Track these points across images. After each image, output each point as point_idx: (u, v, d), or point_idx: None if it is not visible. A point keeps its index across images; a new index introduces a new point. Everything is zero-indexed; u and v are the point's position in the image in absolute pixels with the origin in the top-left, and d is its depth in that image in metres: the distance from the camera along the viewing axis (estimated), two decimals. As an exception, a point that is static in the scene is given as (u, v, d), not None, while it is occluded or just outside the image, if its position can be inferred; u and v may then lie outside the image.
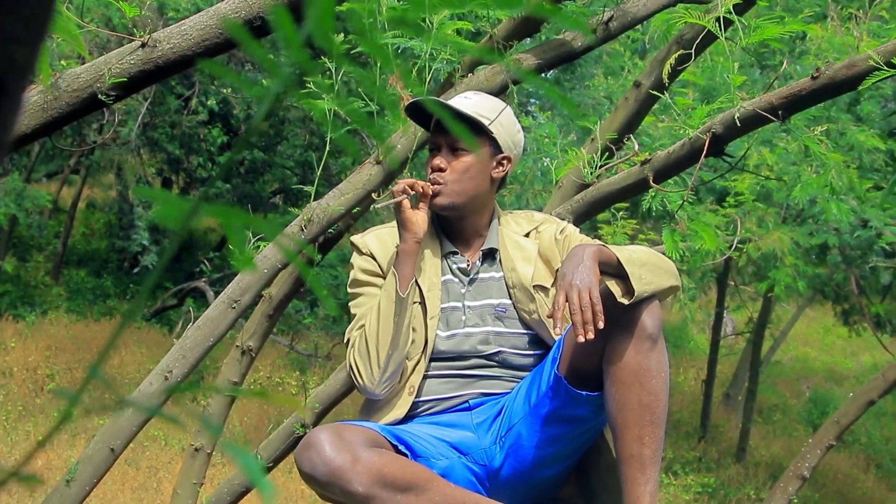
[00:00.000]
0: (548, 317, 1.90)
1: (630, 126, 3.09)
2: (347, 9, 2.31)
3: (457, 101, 2.07)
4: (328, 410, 3.01)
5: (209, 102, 9.76)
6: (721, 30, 2.50)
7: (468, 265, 2.11)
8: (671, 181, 2.85)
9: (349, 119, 2.68)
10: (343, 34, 2.57)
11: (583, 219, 2.74)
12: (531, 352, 2.08)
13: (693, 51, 2.77)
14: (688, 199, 2.75)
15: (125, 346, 8.92)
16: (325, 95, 2.67)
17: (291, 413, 3.07)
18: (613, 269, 1.85)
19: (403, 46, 3.09)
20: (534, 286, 2.07)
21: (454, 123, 0.61)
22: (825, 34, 5.01)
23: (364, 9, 2.44)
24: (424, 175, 2.12)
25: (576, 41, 2.85)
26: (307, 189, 2.78)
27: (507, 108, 2.13)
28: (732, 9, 2.51)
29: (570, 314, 1.78)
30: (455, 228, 2.14)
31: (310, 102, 2.76)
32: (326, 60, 2.61)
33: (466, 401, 2.05)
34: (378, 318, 1.99)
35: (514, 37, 2.92)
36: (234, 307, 2.66)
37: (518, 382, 2.06)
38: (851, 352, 14.61)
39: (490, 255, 2.13)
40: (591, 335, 1.75)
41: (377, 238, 2.13)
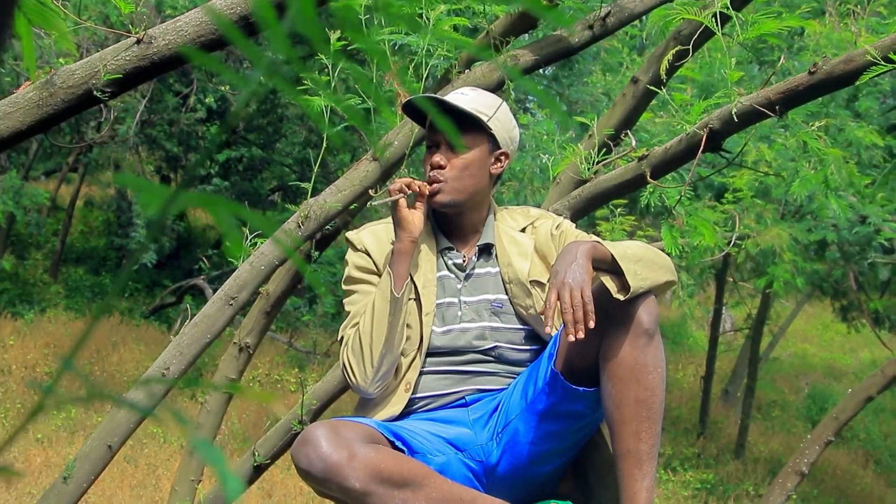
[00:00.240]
0: (540, 314, 1.89)
1: (628, 122, 3.08)
2: (341, 5, 2.30)
3: (453, 98, 2.06)
4: (325, 407, 3.01)
5: (207, 100, 9.76)
6: (718, 25, 2.49)
7: (464, 261, 2.11)
8: (668, 177, 2.85)
9: (345, 116, 2.68)
10: (340, 31, 2.56)
11: (580, 215, 2.74)
12: (527, 347, 2.07)
13: (691, 47, 2.77)
14: (685, 195, 2.74)
15: (124, 344, 8.91)
16: (322, 92, 2.66)
17: (290, 410, 3.06)
18: (608, 266, 1.84)
19: (400, 43, 3.08)
20: (530, 281, 2.07)
21: (441, 118, 0.61)
22: (823, 30, 5.01)
23: (359, 3, 2.43)
24: (423, 172, 2.12)
25: (573, 37, 2.84)
26: (305, 186, 2.78)
27: (504, 104, 2.13)
28: (730, 4, 2.50)
29: (562, 313, 1.77)
30: (452, 225, 2.13)
31: (306, 99, 2.76)
32: (323, 57, 2.61)
33: (463, 397, 2.04)
34: (372, 318, 1.99)
35: (511, 33, 2.91)
36: (232, 304, 2.65)
37: (514, 378, 2.05)
38: (850, 348, 14.61)
39: (486, 251, 2.12)
40: (582, 334, 1.75)
41: (372, 234, 2.13)
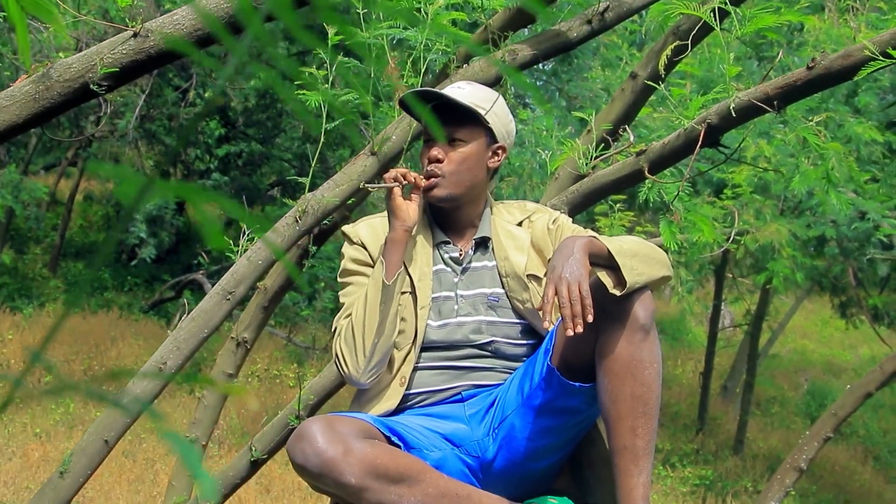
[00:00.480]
0: (537, 309, 1.88)
1: (627, 117, 3.08)
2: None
3: (450, 92, 2.05)
4: (323, 402, 3.00)
5: (207, 94, 9.75)
6: (716, 20, 2.48)
7: (461, 254, 2.10)
8: (667, 172, 2.83)
9: (341, 112, 2.67)
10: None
11: (578, 210, 2.73)
12: (524, 341, 2.07)
13: (689, 42, 2.76)
14: (683, 191, 2.74)
15: (122, 339, 8.91)
16: (319, 86, 2.66)
17: (289, 404, 3.06)
18: (604, 261, 1.84)
19: (399, 37, 3.08)
20: (527, 275, 2.06)
21: (426, 112, 0.60)
22: (823, 26, 5.00)
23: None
24: (420, 166, 2.11)
25: (571, 31, 2.84)
26: (303, 181, 2.77)
27: (501, 98, 2.12)
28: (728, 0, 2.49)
29: (560, 307, 1.77)
30: (449, 219, 2.13)
31: (302, 94, 2.75)
32: (321, 51, 2.60)
33: (459, 392, 2.04)
34: (365, 307, 1.99)
35: (510, 27, 2.91)
36: (229, 299, 2.65)
37: (511, 374, 2.05)
38: (849, 344, 14.61)
39: (482, 245, 2.12)
40: (580, 329, 1.75)
41: (369, 227, 2.12)
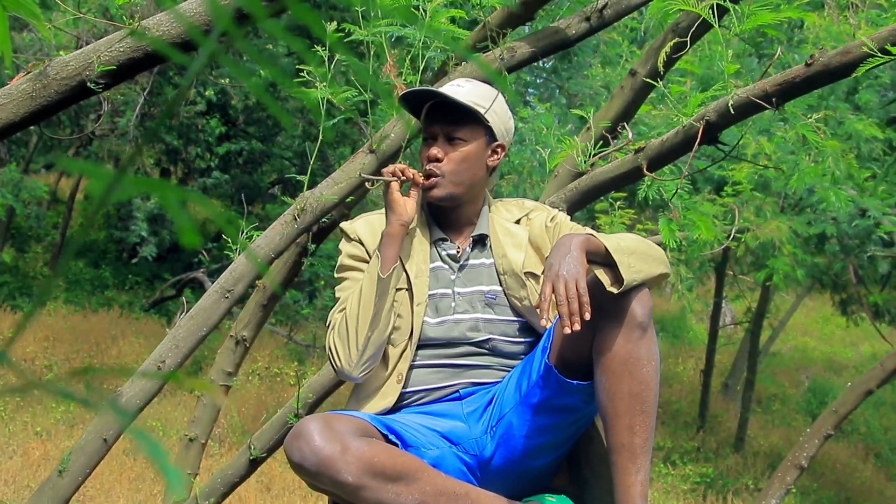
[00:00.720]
0: (535, 307, 1.88)
1: (626, 114, 3.07)
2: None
3: (449, 90, 2.05)
4: (322, 400, 3.00)
5: (207, 93, 9.74)
6: (715, 17, 2.48)
7: (458, 251, 2.10)
8: (666, 170, 2.83)
9: (342, 108, 2.66)
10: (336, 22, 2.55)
11: (577, 207, 2.73)
12: (521, 339, 2.07)
13: (689, 39, 2.75)
14: (682, 188, 2.73)
15: (123, 337, 8.91)
16: (319, 84, 2.65)
17: (288, 403, 3.06)
18: (602, 258, 1.83)
19: (397, 35, 3.07)
20: (525, 273, 2.06)
21: (399, 108, 0.60)
22: (823, 22, 4.99)
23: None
24: (419, 164, 2.11)
25: (570, 29, 2.83)
26: (302, 179, 2.77)
27: (500, 96, 2.12)
28: (727, -4, 2.49)
29: (557, 305, 1.76)
30: (447, 216, 2.13)
31: (302, 91, 2.75)
32: (320, 49, 2.60)
33: (457, 390, 2.04)
34: (359, 300, 1.99)
35: (509, 24, 2.90)
36: (228, 297, 2.64)
37: (508, 371, 2.05)
38: (850, 341, 14.60)
39: (480, 242, 2.12)
40: (578, 326, 1.74)
41: (367, 223, 2.12)
